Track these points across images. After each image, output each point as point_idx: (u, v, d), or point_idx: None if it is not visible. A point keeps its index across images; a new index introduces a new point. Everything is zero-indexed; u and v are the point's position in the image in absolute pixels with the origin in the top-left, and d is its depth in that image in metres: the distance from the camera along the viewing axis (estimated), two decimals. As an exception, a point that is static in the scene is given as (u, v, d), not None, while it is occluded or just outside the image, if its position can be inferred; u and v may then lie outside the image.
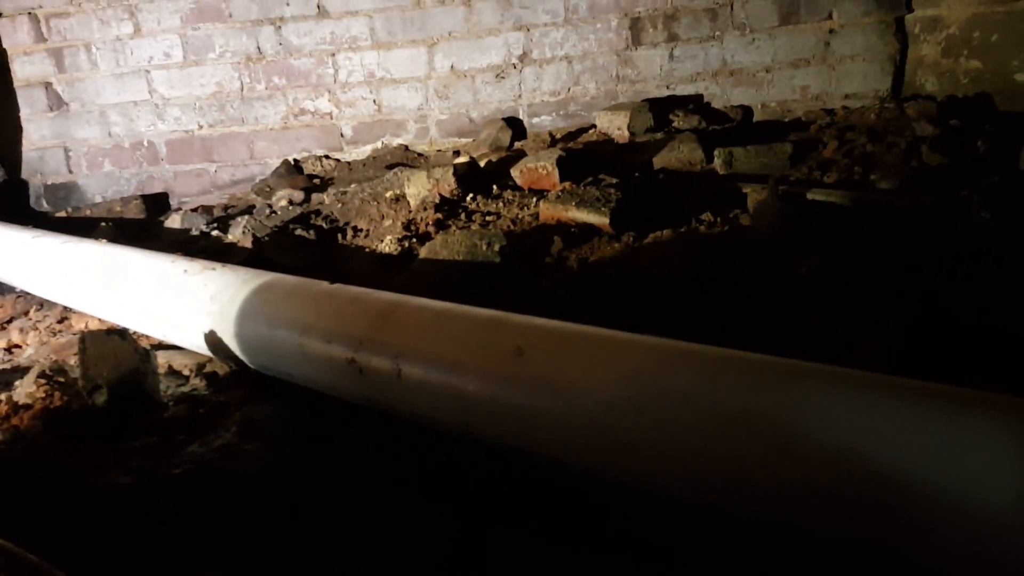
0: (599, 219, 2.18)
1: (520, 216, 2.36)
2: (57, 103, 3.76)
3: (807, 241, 1.91)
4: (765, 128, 3.03)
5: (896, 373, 0.87)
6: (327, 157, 3.58)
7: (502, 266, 2.08)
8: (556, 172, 2.49)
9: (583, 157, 2.67)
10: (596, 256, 2.04)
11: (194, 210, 3.41)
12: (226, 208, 3.53)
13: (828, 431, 0.80)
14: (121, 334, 1.71)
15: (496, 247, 2.10)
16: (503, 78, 3.34)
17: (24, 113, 3.80)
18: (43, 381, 1.76)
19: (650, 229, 2.10)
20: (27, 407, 1.67)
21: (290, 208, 3.00)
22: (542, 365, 1.15)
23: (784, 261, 1.80)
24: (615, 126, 3.00)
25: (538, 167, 2.55)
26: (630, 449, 0.99)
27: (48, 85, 3.74)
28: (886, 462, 0.75)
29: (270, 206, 3.12)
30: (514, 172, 2.61)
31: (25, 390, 1.75)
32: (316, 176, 3.50)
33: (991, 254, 1.53)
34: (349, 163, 3.53)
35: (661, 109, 3.07)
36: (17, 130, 3.86)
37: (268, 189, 3.41)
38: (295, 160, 3.60)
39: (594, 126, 3.15)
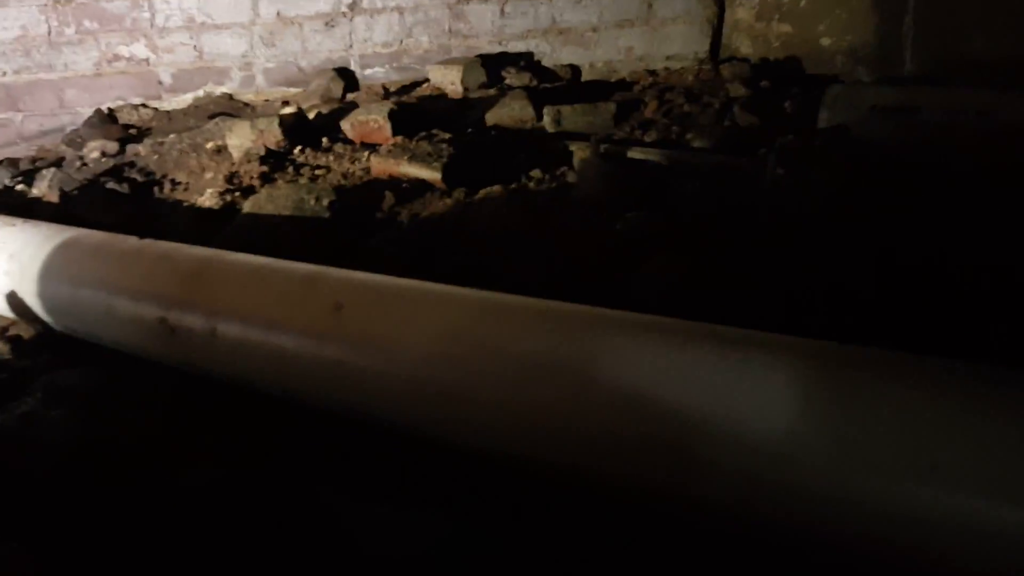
0: (431, 174, 2.17)
1: (351, 170, 2.32)
2: None
3: (626, 198, 1.97)
4: (592, 87, 3.09)
5: (691, 319, 0.92)
6: (144, 106, 3.36)
7: (331, 221, 2.03)
8: (388, 126, 2.45)
9: (416, 111, 2.64)
10: (428, 212, 2.03)
11: (-3, 162, 3.13)
12: (34, 161, 3.26)
13: (621, 375, 0.84)
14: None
15: (325, 201, 2.05)
16: (333, 27, 3.24)
17: None
18: None
19: (481, 185, 2.11)
20: None
21: (103, 160, 2.81)
22: (362, 321, 1.13)
23: (603, 217, 1.85)
24: (448, 81, 2.98)
25: (369, 120, 2.51)
26: (449, 405, 1.00)
27: None
28: (674, 401, 0.79)
29: (81, 158, 2.92)
30: (345, 125, 2.55)
31: None
32: (133, 126, 3.29)
33: (780, 208, 1.64)
34: (169, 112, 3.33)
35: (494, 65, 3.08)
36: None
37: (80, 140, 3.18)
38: (109, 109, 3.37)
39: (428, 80, 3.12)
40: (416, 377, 1.05)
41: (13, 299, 1.70)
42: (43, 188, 2.44)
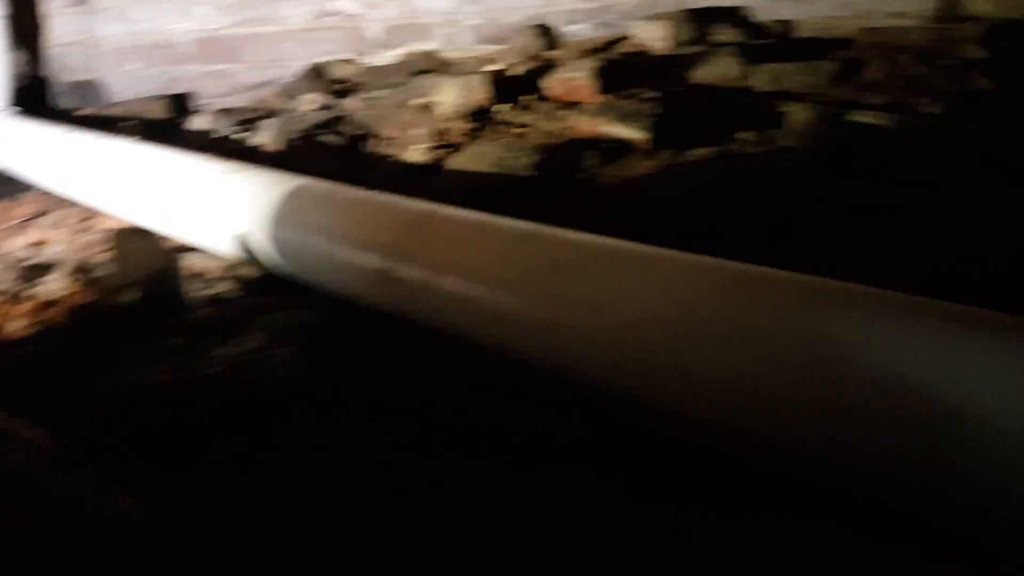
0: (636, 134, 2.13)
1: (553, 129, 2.31)
2: (79, -2, 3.68)
3: (847, 164, 1.86)
4: (808, 45, 2.91)
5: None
6: (352, 62, 3.49)
7: (534, 180, 2.04)
8: (592, 84, 2.42)
9: (619, 69, 2.59)
10: (632, 172, 1.99)
11: (217, 112, 3.36)
12: (249, 111, 3.47)
13: (881, 356, 0.78)
14: (151, 234, 1.70)
15: (528, 160, 2.06)
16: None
17: (50, 7, 3.73)
18: (71, 277, 1.76)
19: (688, 146, 2.04)
20: (58, 302, 1.67)
21: (315, 113, 2.95)
22: (581, 281, 1.12)
23: (824, 184, 1.75)
24: (653, 37, 2.90)
25: (573, 78, 2.48)
26: (671, 373, 0.98)
27: (71, -22, 3.66)
28: (938, 387, 0.73)
29: (295, 110, 3.07)
30: (547, 83, 2.54)
31: (55, 285, 1.76)
32: (340, 81, 3.42)
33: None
34: (375, 68, 3.44)
35: (702, 20, 2.96)
36: (40, 26, 3.79)
37: (293, 92, 3.34)
38: (320, 64, 3.52)
39: (630, 36, 3.05)
40: (637, 341, 1.03)
41: (243, 242, 1.81)
42: (263, 138, 2.59)
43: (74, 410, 1.17)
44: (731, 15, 3.13)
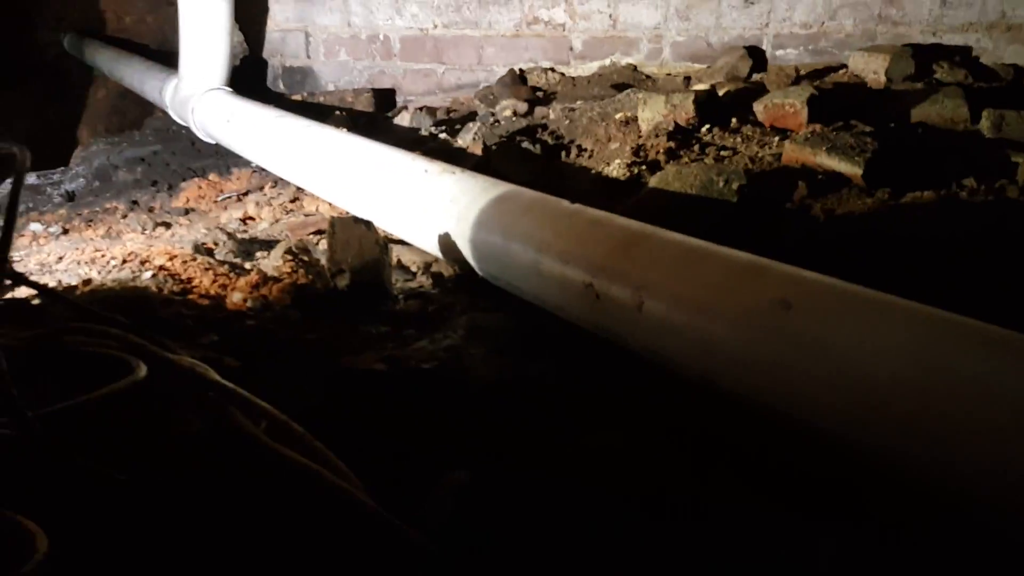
0: (850, 168, 2.04)
1: (760, 155, 2.25)
2: (334, -12, 3.90)
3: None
4: (1040, 92, 2.71)
5: None
6: (552, 70, 3.53)
7: (738, 206, 1.99)
8: (805, 111, 2.34)
9: (833, 99, 2.49)
10: (844, 209, 1.91)
11: (419, 109, 3.48)
12: (449, 111, 3.58)
13: None
14: (367, 224, 1.77)
15: (734, 185, 2.01)
16: (751, 3, 3.15)
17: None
18: (290, 257, 1.86)
19: (905, 187, 1.94)
20: (275, 280, 1.77)
21: (514, 119, 3.00)
22: (811, 323, 1.08)
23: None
24: (871, 69, 2.78)
25: (785, 104, 2.41)
26: (909, 433, 0.92)
27: (297, -33, 3.89)
28: None
29: (493, 114, 3.14)
30: (756, 107, 2.47)
31: (273, 263, 1.86)
32: (539, 89, 3.47)
33: None
34: (574, 78, 3.47)
35: (923, 57, 2.81)
36: (264, 10, 4.05)
37: (492, 97, 3.42)
38: (521, 70, 3.59)
39: (845, 66, 2.93)
40: (870, 395, 0.97)
41: (445, 239, 1.86)
42: (467, 139, 2.66)
43: (294, 387, 1.23)
44: (956, 54, 2.95)
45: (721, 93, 2.69)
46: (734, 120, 2.46)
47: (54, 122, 4.78)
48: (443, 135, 2.91)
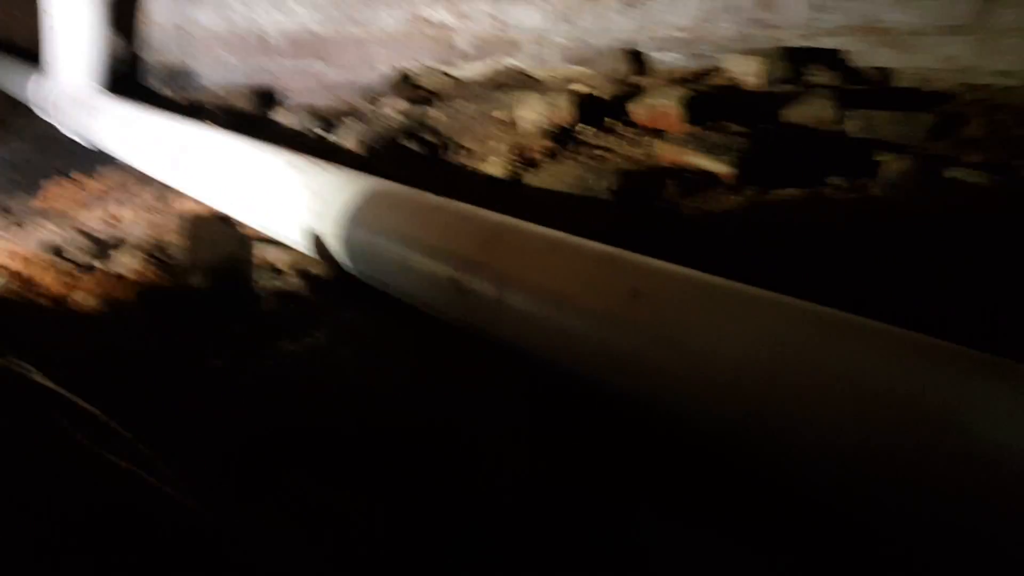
0: (720, 167, 2.07)
1: (634, 155, 2.26)
2: (180, -17, 3.76)
3: (945, 219, 1.77)
4: (904, 95, 2.82)
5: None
6: (438, 71, 3.49)
7: (613, 203, 1.99)
8: (679, 112, 2.37)
9: (709, 100, 2.53)
10: (713, 206, 1.93)
11: (302, 109, 3.38)
12: (332, 111, 3.49)
13: (995, 428, 0.71)
14: (225, 220, 1.69)
15: (607, 184, 2.01)
16: (632, 6, 3.18)
17: (147, -10, 3.81)
18: (142, 255, 1.76)
19: (775, 185, 1.97)
20: (125, 278, 1.67)
21: (397, 118, 2.94)
22: (660, 312, 1.07)
23: (922, 239, 1.67)
24: (746, 72, 2.84)
25: (659, 105, 2.43)
26: (756, 421, 0.92)
27: (174, -36, 3.74)
28: None
29: (377, 114, 3.07)
30: (633, 108, 2.49)
31: (124, 260, 1.76)
32: (425, 89, 3.43)
33: None
34: (460, 80, 3.44)
35: (797, 61, 2.89)
36: (137, 7, 3.88)
37: (376, 96, 3.35)
38: (406, 71, 3.53)
39: (720, 69, 2.99)
40: (717, 381, 0.97)
41: (311, 236, 1.80)
42: (346, 137, 2.59)
43: (131, 387, 1.15)
44: (828, 57, 3.05)
45: (601, 95, 2.70)
46: (612, 121, 2.47)
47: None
48: (322, 133, 2.83)
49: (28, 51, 4.10)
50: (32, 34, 4.37)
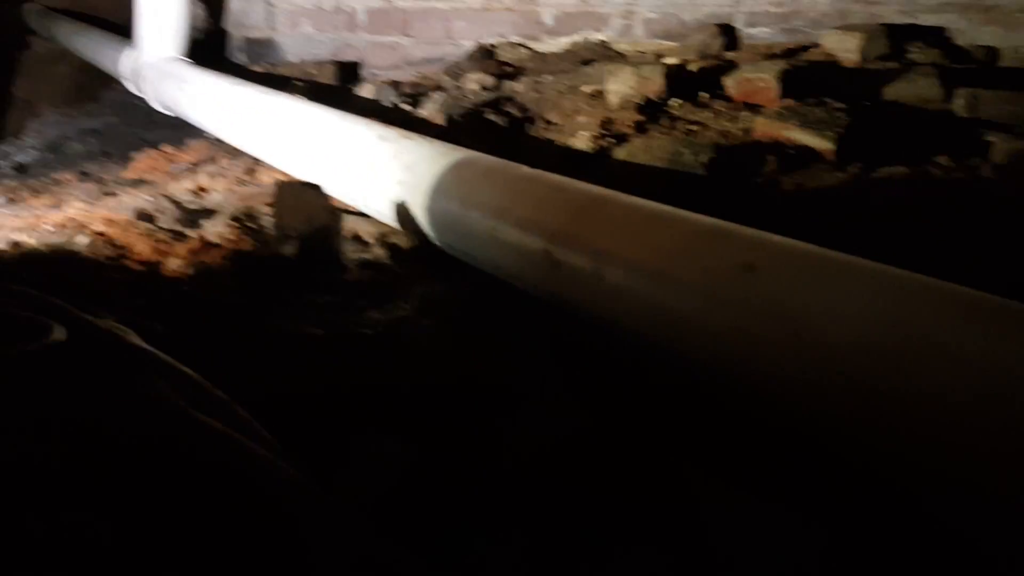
0: (822, 143, 1.98)
1: (729, 129, 2.18)
2: (266, -44, 3.78)
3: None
4: (1013, 75, 2.67)
5: None
6: (522, 45, 3.44)
7: (707, 179, 1.92)
8: (776, 87, 2.28)
9: (805, 76, 2.44)
10: (815, 183, 1.85)
11: (384, 83, 3.38)
12: (414, 85, 3.48)
13: None
14: (316, 189, 1.68)
15: (703, 158, 1.94)
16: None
17: (232, -38, 3.85)
18: (234, 224, 1.77)
19: (878, 163, 1.88)
20: (217, 246, 1.68)
21: (481, 92, 2.91)
22: (776, 288, 1.01)
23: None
24: (844, 48, 2.72)
25: (756, 79, 2.35)
26: (877, 406, 0.85)
27: (260, -65, 3.76)
28: None
29: (460, 88, 3.05)
30: (727, 82, 2.41)
31: (215, 229, 1.77)
32: (508, 64, 3.38)
33: None
34: (544, 54, 3.39)
35: (898, 37, 2.76)
36: (226, -20, 3.92)
37: (459, 71, 3.32)
38: (490, 45, 3.49)
39: (817, 45, 2.87)
40: (834, 362, 0.91)
41: (400, 208, 1.78)
42: (430, 110, 2.57)
43: (227, 352, 1.15)
44: (930, 35, 2.91)
45: (692, 68, 2.63)
46: (705, 95, 2.39)
47: (15, 97, 4.65)
48: (406, 106, 2.82)
49: (115, 25, 4.19)
50: (118, 8, 4.47)
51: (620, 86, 2.36)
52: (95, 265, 1.48)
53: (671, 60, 2.65)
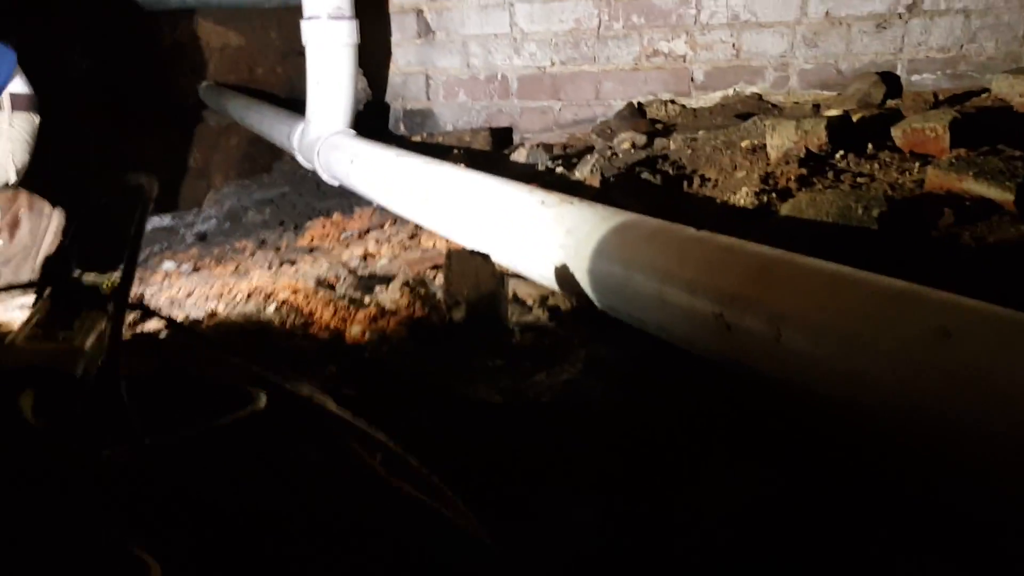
0: (1001, 194, 1.88)
1: (900, 181, 2.10)
2: (425, 30, 3.97)
3: None
4: None
5: None
6: (672, 102, 3.46)
7: (879, 234, 1.86)
8: (947, 136, 2.19)
9: (978, 123, 2.33)
10: (996, 237, 1.75)
11: (536, 146, 3.46)
12: (565, 147, 3.55)
13: None
14: (484, 256, 1.74)
15: (874, 212, 1.88)
16: (884, 28, 3.00)
17: (395, 38, 4.06)
18: (407, 291, 1.84)
19: (1067, 213, 1.77)
20: (392, 313, 1.75)
21: (632, 151, 2.93)
22: (975, 355, 0.96)
23: None
24: (1017, 92, 2.58)
25: (925, 128, 2.26)
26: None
27: (419, 12, 3.96)
28: None
29: (611, 148, 3.08)
30: (894, 132, 2.33)
31: (390, 297, 1.85)
32: (659, 121, 3.40)
33: None
34: (694, 110, 3.39)
35: (1078, 76, 2.60)
36: (387, 55, 4.14)
37: (609, 131, 3.37)
38: (639, 103, 3.53)
39: (987, 90, 2.74)
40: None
41: (562, 271, 1.80)
42: (584, 172, 2.61)
43: (413, 418, 1.19)
44: (1117, 70, 2.72)
45: (855, 119, 2.56)
46: (870, 146, 2.32)
47: (191, 167, 5.05)
48: (560, 169, 2.87)
49: (288, 102, 4.50)
50: (291, 87, 4.81)
51: (782, 140, 2.33)
52: (285, 333, 1.58)
53: (833, 111, 2.59)
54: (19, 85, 2.87)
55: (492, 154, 3.57)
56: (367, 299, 1.88)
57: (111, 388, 0.88)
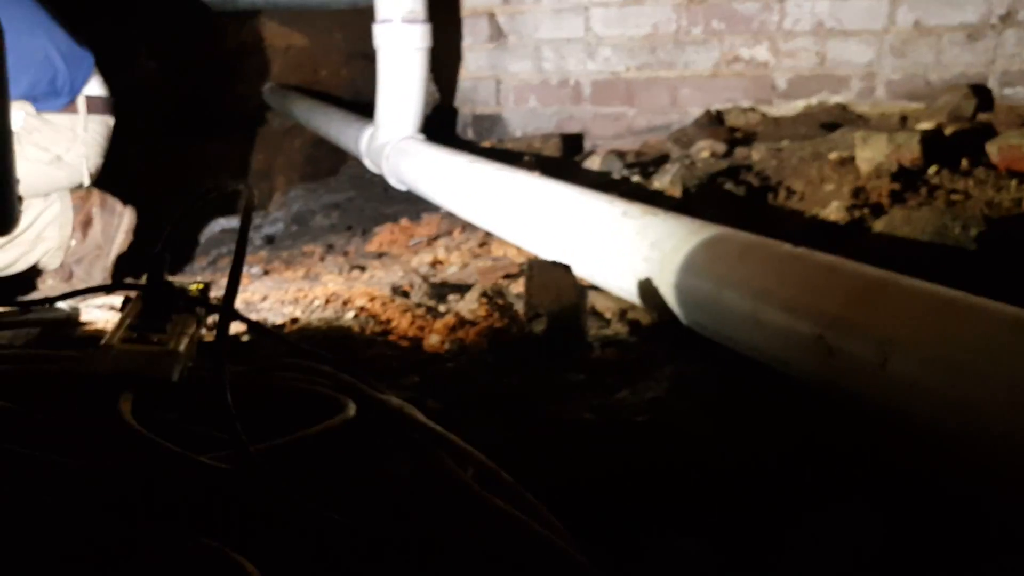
0: (1112, 214, 1.78)
1: (997, 200, 2.01)
2: (497, 35, 3.94)
3: None
4: None
5: None
6: (752, 110, 3.38)
7: (977, 255, 1.77)
8: (1050, 153, 2.09)
9: (1083, 139, 2.22)
10: (1110, 260, 1.66)
11: (608, 153, 3.41)
12: (638, 155, 3.49)
13: None
14: (565, 268, 1.70)
15: (972, 232, 1.80)
16: (976, 39, 2.89)
17: (466, 42, 4.04)
18: (484, 301, 1.82)
19: None
20: (471, 323, 1.73)
21: (712, 160, 2.87)
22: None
23: None
24: (1124, 105, 2.46)
25: (1023, 145, 2.16)
26: None
27: (491, 15, 3.93)
28: None
29: (689, 156, 3.02)
30: (990, 148, 2.24)
31: (468, 306, 1.82)
32: (738, 129, 3.33)
33: None
34: (775, 119, 3.30)
35: None
36: (457, 59, 4.13)
37: (686, 139, 3.30)
38: (717, 111, 3.45)
39: (1089, 103, 2.63)
40: None
41: (645, 285, 1.75)
42: (664, 182, 2.56)
43: (500, 433, 1.16)
44: None
45: (947, 133, 2.46)
46: (964, 162, 2.23)
47: (254, 169, 5.09)
48: (636, 178, 2.81)
49: (352, 105, 4.49)
50: (356, 89, 4.81)
51: (873, 153, 2.25)
52: (365, 341, 1.57)
53: (923, 124, 2.50)
54: (95, 87, 2.86)
55: (563, 161, 3.53)
56: (442, 308, 1.86)
57: (217, 394, 0.86)
